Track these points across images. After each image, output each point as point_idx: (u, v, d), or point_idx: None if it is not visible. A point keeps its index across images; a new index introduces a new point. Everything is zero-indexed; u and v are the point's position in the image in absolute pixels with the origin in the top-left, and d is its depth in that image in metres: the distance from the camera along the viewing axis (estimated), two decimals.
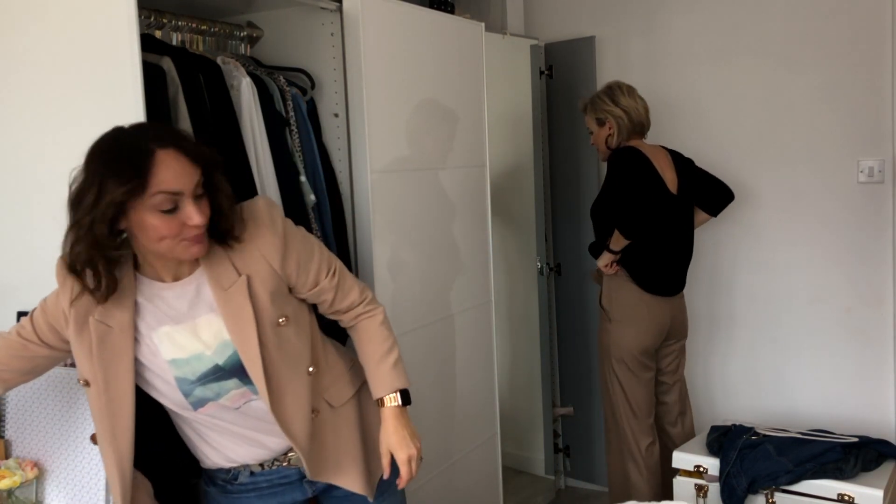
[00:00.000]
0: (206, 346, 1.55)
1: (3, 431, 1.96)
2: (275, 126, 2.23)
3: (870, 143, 3.10)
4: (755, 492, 2.64)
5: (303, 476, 1.73)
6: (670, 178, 2.99)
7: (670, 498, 2.99)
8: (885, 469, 2.64)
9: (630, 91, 3.00)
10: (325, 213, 2.37)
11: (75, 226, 1.41)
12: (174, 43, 2.20)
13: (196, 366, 1.55)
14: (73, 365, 1.91)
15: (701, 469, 2.79)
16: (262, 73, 2.29)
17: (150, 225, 1.42)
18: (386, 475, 1.73)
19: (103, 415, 1.54)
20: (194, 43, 2.26)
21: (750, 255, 3.39)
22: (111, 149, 1.42)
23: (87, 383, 1.54)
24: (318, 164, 2.37)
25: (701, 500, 2.78)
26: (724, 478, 2.69)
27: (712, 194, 3.09)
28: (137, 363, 1.56)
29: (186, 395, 1.56)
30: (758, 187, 3.34)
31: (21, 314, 1.99)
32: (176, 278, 1.56)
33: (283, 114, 2.29)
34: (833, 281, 3.22)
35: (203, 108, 2.01)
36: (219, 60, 2.17)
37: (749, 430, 2.83)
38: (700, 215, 3.13)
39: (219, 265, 1.55)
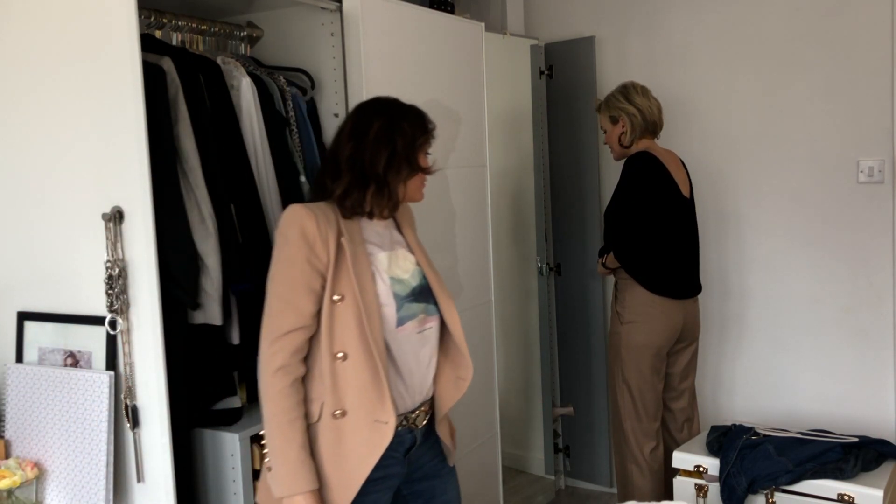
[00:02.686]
0: (405, 271, 1.88)
1: (3, 431, 1.96)
2: (275, 126, 2.23)
3: (870, 143, 3.10)
4: (755, 492, 2.64)
5: (410, 447, 1.87)
6: (682, 181, 2.99)
7: (672, 498, 3.00)
8: (885, 469, 2.64)
9: (644, 91, 3.02)
10: None
11: (381, 166, 1.82)
12: (174, 43, 2.20)
13: (402, 286, 1.85)
14: (74, 365, 1.91)
15: (701, 469, 2.79)
16: (262, 73, 2.29)
17: (417, 166, 1.87)
18: (454, 449, 2.02)
19: (358, 321, 1.75)
20: (194, 43, 2.26)
21: (750, 254, 3.39)
22: (407, 110, 1.88)
23: (342, 298, 1.75)
24: (318, 164, 2.37)
25: (701, 500, 2.78)
26: (724, 478, 2.69)
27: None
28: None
29: (398, 309, 1.81)
30: (758, 187, 3.34)
31: (21, 314, 1.99)
32: (381, 220, 1.91)
33: (284, 114, 2.29)
34: (833, 281, 3.22)
35: (203, 109, 2.01)
36: (219, 60, 2.17)
37: (749, 430, 2.82)
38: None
39: (400, 214, 1.98)
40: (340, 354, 1.74)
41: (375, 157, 1.82)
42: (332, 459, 1.75)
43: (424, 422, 1.90)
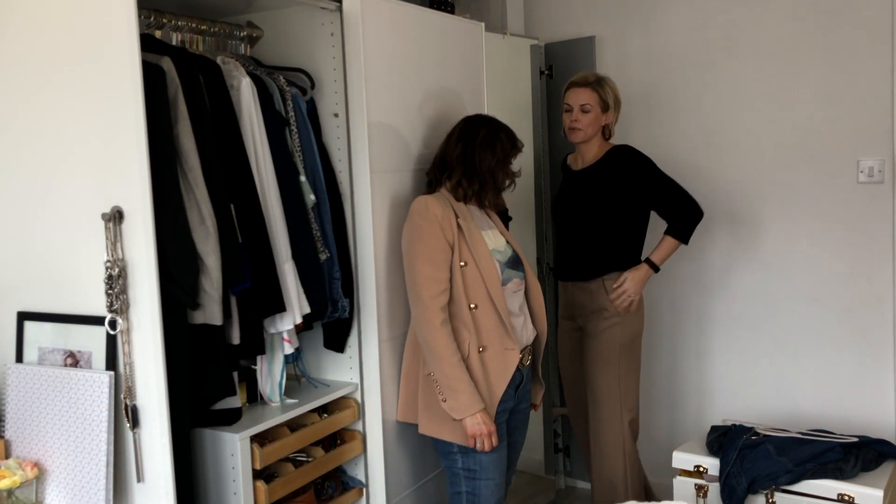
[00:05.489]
0: (499, 245, 2.43)
1: (3, 431, 1.96)
2: (275, 126, 2.23)
3: (870, 143, 3.10)
4: (755, 492, 2.64)
5: (519, 384, 2.42)
6: None
7: (654, 497, 3.00)
8: (885, 469, 2.64)
9: None
10: (325, 213, 2.37)
11: (486, 164, 2.40)
12: (174, 43, 2.20)
13: (501, 255, 2.40)
14: (74, 365, 1.91)
15: (701, 469, 2.79)
16: (262, 73, 2.29)
17: (509, 171, 2.46)
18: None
19: (480, 283, 2.31)
20: (194, 43, 2.26)
21: (750, 254, 3.39)
22: (501, 128, 2.45)
23: (465, 264, 2.31)
24: (318, 164, 2.37)
25: (701, 500, 2.78)
26: (724, 478, 2.69)
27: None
28: None
29: (501, 272, 2.36)
30: (758, 187, 3.34)
31: (21, 314, 1.99)
32: (479, 206, 2.47)
33: (283, 114, 2.29)
34: (833, 281, 3.22)
35: (203, 108, 2.01)
36: (219, 60, 2.17)
37: (749, 430, 2.83)
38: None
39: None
40: (473, 306, 2.31)
41: (483, 156, 2.38)
42: (481, 384, 2.30)
43: (528, 362, 2.47)
